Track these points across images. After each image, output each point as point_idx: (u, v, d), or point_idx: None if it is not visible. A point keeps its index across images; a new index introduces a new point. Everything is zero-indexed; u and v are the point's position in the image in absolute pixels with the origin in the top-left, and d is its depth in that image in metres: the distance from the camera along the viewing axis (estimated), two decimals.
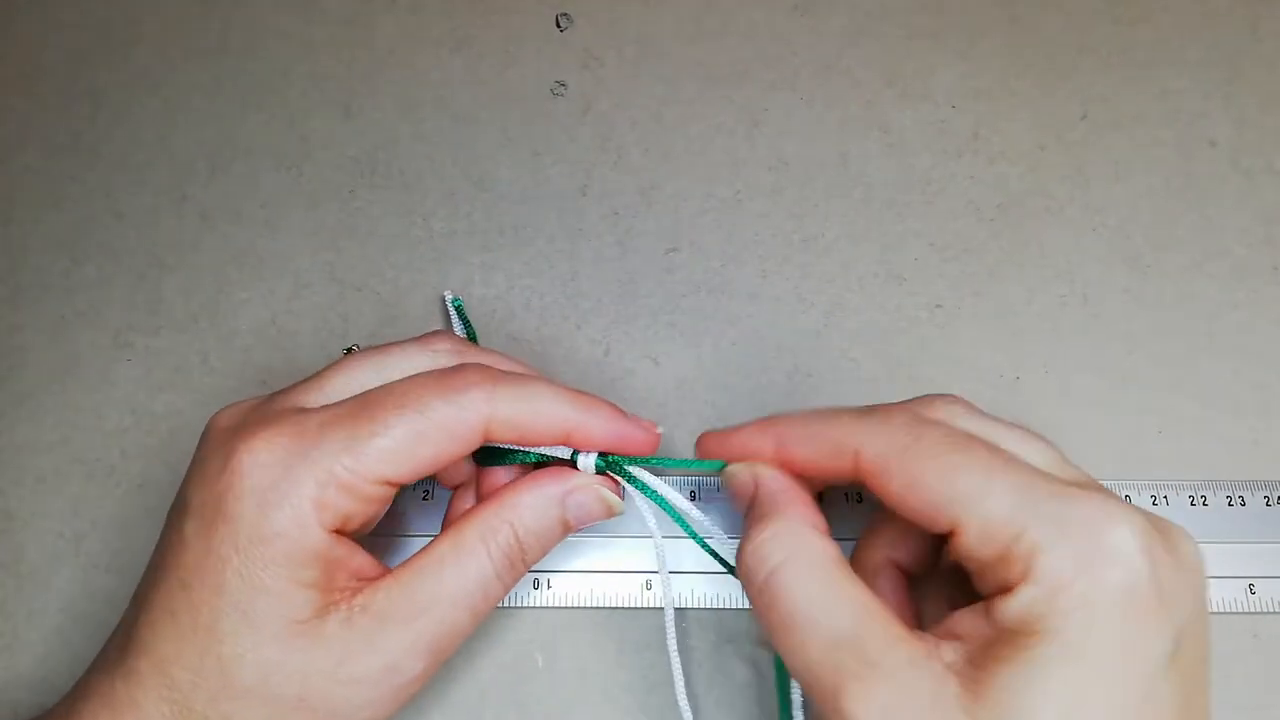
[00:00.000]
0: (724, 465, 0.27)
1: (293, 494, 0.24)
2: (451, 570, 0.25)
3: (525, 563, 0.27)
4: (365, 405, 0.25)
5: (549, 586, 0.31)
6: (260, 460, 0.24)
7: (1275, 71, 0.39)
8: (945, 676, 0.21)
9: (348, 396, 0.26)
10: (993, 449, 0.23)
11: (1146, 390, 0.34)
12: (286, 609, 0.24)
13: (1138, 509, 0.22)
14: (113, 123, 0.38)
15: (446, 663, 0.30)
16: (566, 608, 0.31)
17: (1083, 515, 0.21)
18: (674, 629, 0.28)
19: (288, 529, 0.24)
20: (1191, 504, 0.32)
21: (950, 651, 0.21)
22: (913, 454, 0.23)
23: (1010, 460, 0.22)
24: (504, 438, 0.26)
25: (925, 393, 0.34)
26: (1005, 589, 0.21)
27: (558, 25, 0.40)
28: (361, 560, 0.25)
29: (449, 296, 0.35)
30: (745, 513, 0.27)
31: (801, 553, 0.23)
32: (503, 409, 0.25)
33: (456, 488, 0.30)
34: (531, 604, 0.31)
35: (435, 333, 0.29)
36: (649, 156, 0.38)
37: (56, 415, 0.34)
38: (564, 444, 0.27)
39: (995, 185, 0.37)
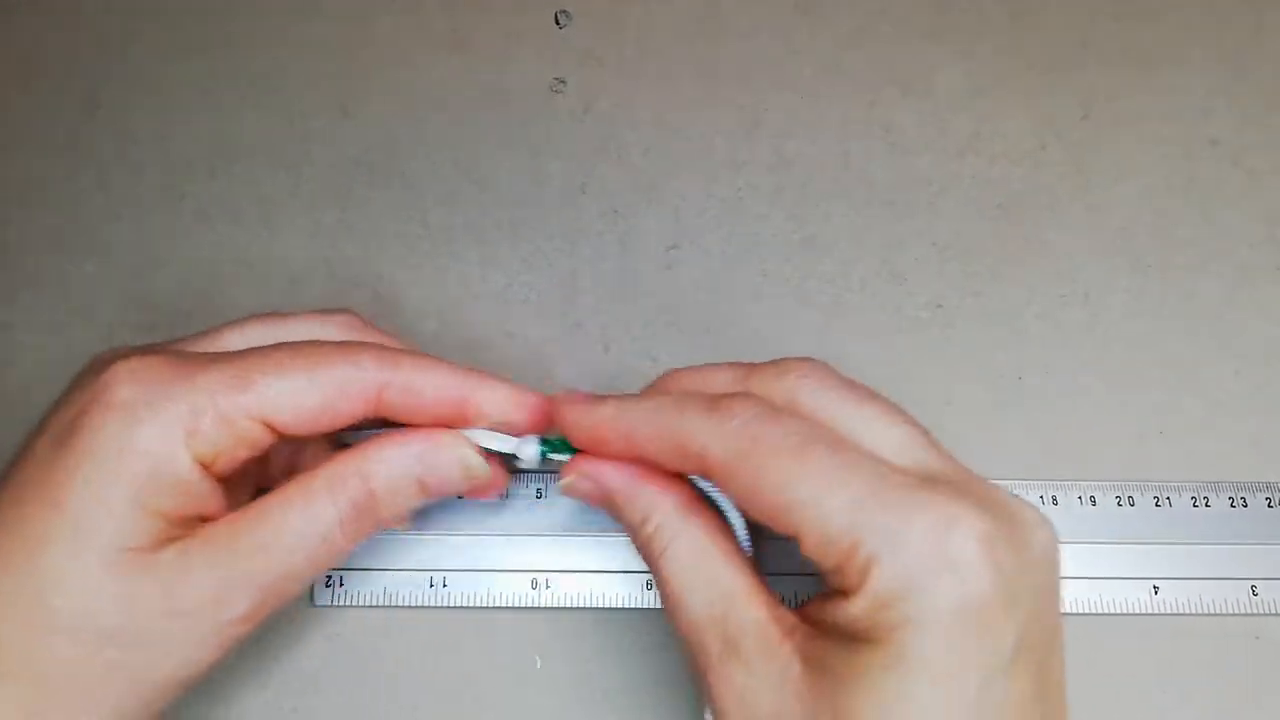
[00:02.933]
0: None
1: (166, 411, 0.23)
2: (296, 513, 0.24)
3: (376, 517, 0.25)
4: (259, 350, 0.25)
5: (548, 587, 0.31)
6: (137, 375, 0.23)
7: (1278, 70, 0.38)
8: (791, 663, 0.21)
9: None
10: (835, 447, 0.22)
11: (1148, 391, 0.34)
12: (125, 534, 0.22)
13: (987, 501, 0.21)
14: (110, 121, 0.38)
15: (446, 662, 0.30)
16: (565, 608, 0.31)
17: (920, 524, 0.20)
18: None
19: (153, 447, 0.22)
20: (1194, 505, 0.32)
21: (804, 636, 0.22)
22: (751, 461, 0.22)
23: (851, 462, 0.21)
24: (397, 405, 0.25)
25: (926, 392, 0.34)
26: (844, 593, 0.21)
27: (557, 23, 0.39)
28: (218, 507, 0.24)
29: None
30: (609, 509, 0.26)
31: (681, 538, 0.24)
32: (399, 376, 0.25)
33: None
34: (530, 604, 0.31)
35: (339, 308, 0.29)
36: (649, 155, 0.37)
37: None
38: (458, 415, 0.26)
39: (997, 185, 0.37)
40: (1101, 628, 0.31)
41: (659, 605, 0.31)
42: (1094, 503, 0.32)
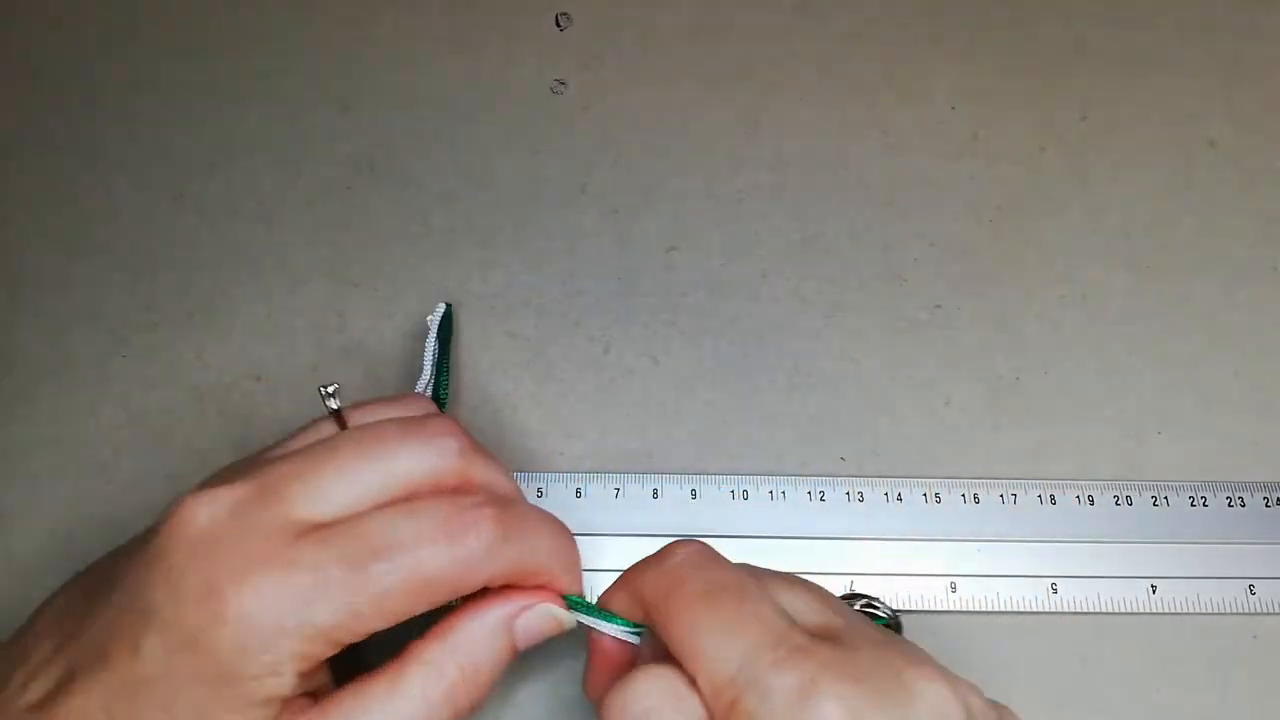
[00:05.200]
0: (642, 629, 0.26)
1: (277, 645, 0.23)
2: (381, 706, 0.24)
3: (471, 699, 0.25)
4: (365, 561, 0.24)
5: None
6: (249, 609, 0.23)
7: (1275, 72, 0.39)
8: None
9: (348, 509, 0.24)
10: (742, 597, 0.22)
11: (1146, 391, 0.34)
12: None
13: (870, 666, 0.22)
14: (110, 120, 0.38)
15: None
16: None
17: (788, 684, 0.21)
18: None
19: (262, 675, 0.23)
20: (1191, 505, 0.32)
21: None
22: (671, 602, 0.23)
23: (752, 614, 0.22)
24: (495, 585, 0.25)
25: (925, 392, 0.34)
26: None
27: (557, 24, 0.40)
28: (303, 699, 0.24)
29: (437, 317, 0.33)
30: (592, 666, 0.27)
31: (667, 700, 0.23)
32: (503, 566, 0.25)
33: None
34: None
35: (439, 419, 0.27)
36: (649, 155, 0.37)
37: (50, 412, 0.33)
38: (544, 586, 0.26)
39: (995, 186, 0.37)
40: (1099, 627, 0.31)
41: None
42: (1092, 502, 0.32)
